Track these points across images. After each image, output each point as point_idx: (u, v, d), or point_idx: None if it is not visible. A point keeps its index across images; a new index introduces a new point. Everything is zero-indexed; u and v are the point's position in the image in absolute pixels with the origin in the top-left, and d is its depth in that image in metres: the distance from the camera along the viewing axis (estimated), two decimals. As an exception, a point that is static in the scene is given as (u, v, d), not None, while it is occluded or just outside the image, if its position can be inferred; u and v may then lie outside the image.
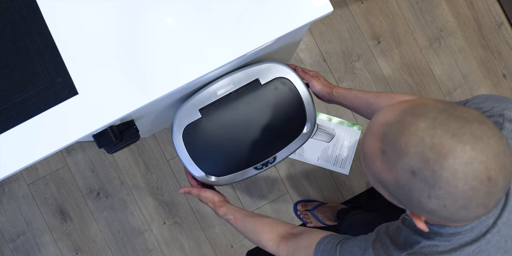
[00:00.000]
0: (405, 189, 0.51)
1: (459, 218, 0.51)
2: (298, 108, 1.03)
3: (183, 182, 1.62)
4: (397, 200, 0.55)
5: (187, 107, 1.00)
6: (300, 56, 1.64)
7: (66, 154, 1.63)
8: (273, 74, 1.01)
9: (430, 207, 0.50)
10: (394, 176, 0.51)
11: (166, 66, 0.80)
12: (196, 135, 1.01)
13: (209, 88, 0.99)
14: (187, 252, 1.61)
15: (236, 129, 1.02)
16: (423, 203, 0.50)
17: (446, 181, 0.48)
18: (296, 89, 1.02)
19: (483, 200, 0.49)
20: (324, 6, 0.80)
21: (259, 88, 1.01)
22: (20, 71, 0.80)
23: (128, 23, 0.80)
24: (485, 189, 0.48)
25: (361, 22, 1.65)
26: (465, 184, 0.47)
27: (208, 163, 1.03)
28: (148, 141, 1.63)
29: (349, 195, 1.61)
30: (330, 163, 1.62)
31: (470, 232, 0.59)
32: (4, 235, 1.62)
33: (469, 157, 0.47)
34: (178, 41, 0.80)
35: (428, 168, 0.48)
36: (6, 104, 0.80)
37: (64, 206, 1.62)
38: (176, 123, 1.01)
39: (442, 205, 0.49)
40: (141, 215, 1.62)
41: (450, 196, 0.48)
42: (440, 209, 0.50)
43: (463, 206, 0.49)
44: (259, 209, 1.61)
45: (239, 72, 1.00)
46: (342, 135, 1.63)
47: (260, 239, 0.87)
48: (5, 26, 0.80)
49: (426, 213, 0.52)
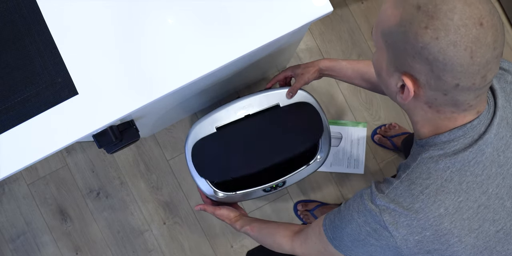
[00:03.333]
0: (406, 24, 0.55)
1: (446, 62, 0.53)
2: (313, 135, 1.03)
3: (183, 182, 1.62)
4: (393, 52, 0.58)
5: (204, 123, 1.00)
6: (300, 56, 1.64)
7: (66, 154, 1.63)
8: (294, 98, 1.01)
9: (424, 39, 0.53)
10: (400, 15, 0.56)
11: (166, 66, 0.80)
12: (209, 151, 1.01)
13: (228, 106, 1.00)
14: (187, 252, 1.61)
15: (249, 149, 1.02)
16: (418, 37, 0.54)
17: (444, 13, 0.52)
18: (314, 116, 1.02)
19: (471, 44, 0.52)
20: (324, 6, 0.80)
21: (278, 112, 1.01)
22: (20, 71, 0.80)
23: (128, 23, 0.80)
24: (475, 32, 0.52)
25: (361, 22, 1.65)
26: (459, 19, 0.52)
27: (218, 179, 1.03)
28: (148, 141, 1.63)
29: (349, 195, 1.61)
30: (344, 166, 1.62)
31: (463, 139, 0.61)
32: (4, 235, 1.62)
33: (470, 1, 0.52)
34: (178, 42, 0.80)
35: (432, 2, 0.53)
36: (6, 104, 0.80)
37: (64, 206, 1.62)
38: (190, 137, 1.01)
39: (435, 37, 0.53)
40: (141, 215, 1.62)
41: (443, 28, 0.52)
42: (432, 42, 0.53)
43: (453, 42, 0.52)
44: (259, 209, 1.61)
45: (261, 94, 1.00)
46: (349, 136, 1.63)
47: (276, 238, 0.89)
48: (5, 26, 0.80)
49: (418, 56, 0.55)
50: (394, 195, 0.64)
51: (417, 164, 0.64)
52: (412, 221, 0.62)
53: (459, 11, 0.52)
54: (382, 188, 0.67)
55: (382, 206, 0.64)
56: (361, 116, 1.63)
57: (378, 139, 1.59)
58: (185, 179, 1.62)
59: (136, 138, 0.89)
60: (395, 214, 0.63)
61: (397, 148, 1.57)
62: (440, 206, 0.61)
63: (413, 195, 0.63)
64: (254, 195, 1.05)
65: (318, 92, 1.63)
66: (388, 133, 1.59)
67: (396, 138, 1.56)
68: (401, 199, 0.64)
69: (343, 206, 0.72)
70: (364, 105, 1.63)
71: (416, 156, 0.66)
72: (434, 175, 0.62)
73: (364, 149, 1.62)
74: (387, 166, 1.61)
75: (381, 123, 1.63)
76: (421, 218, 0.62)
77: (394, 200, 0.64)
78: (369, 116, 1.63)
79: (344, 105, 1.63)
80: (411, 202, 0.63)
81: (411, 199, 0.63)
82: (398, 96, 0.62)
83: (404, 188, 0.64)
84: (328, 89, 1.63)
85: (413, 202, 0.62)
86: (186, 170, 1.62)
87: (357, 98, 1.63)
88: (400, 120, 1.63)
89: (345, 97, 1.63)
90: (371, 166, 1.62)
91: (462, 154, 0.61)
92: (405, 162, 0.69)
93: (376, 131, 1.62)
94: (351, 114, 1.63)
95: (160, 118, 1.28)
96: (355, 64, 0.97)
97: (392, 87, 0.62)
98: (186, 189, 1.62)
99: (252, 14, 0.80)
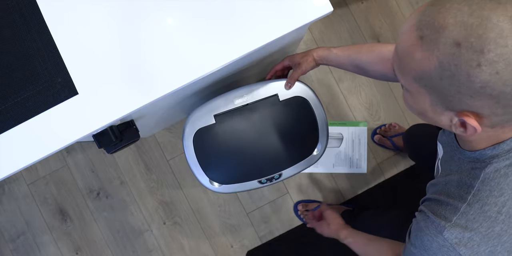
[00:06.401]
0: (451, 68, 0.46)
1: None
2: (311, 129, 1.04)
3: (183, 182, 1.62)
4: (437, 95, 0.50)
5: (202, 110, 1.00)
6: (300, 56, 1.64)
7: (66, 154, 1.63)
8: (292, 91, 1.01)
9: (482, 78, 0.45)
10: (436, 58, 0.47)
11: (167, 66, 0.80)
12: (207, 140, 1.02)
13: (227, 95, 0.99)
14: (187, 252, 1.61)
15: (247, 140, 1.03)
16: (473, 77, 0.46)
17: (494, 41, 0.44)
18: (312, 111, 1.03)
19: None
20: (324, 6, 0.80)
21: (276, 103, 1.01)
22: (20, 71, 0.80)
23: (128, 23, 0.80)
24: None
25: (361, 22, 1.65)
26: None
27: (214, 170, 1.03)
28: (148, 141, 1.63)
29: (349, 195, 1.61)
30: (347, 167, 1.62)
31: None
32: (4, 235, 1.62)
33: None
34: (178, 42, 0.80)
35: (473, 33, 0.45)
36: (6, 104, 0.80)
37: (64, 206, 1.62)
38: (188, 125, 1.01)
39: (494, 72, 0.45)
40: (141, 215, 1.62)
41: (501, 58, 0.44)
42: (493, 79, 0.45)
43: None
44: (259, 209, 1.61)
45: (260, 84, 1.00)
46: (350, 136, 1.62)
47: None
48: (5, 26, 0.80)
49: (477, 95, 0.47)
50: (466, 221, 0.56)
51: (482, 181, 0.56)
52: (495, 247, 0.55)
53: (509, 32, 0.44)
54: (445, 214, 0.58)
55: (454, 239, 0.56)
56: (361, 116, 1.63)
57: (378, 139, 1.59)
58: (185, 179, 1.62)
59: (136, 138, 0.89)
60: (473, 244, 0.55)
61: (397, 148, 1.57)
62: None
63: (490, 218, 0.55)
64: (250, 186, 1.05)
65: (318, 92, 1.63)
66: (388, 133, 1.59)
67: (396, 138, 1.55)
68: (476, 225, 0.55)
69: (411, 246, 0.64)
70: (364, 105, 1.63)
71: (476, 172, 0.58)
72: (507, 190, 0.55)
73: (366, 148, 1.62)
74: (387, 166, 1.61)
75: (381, 123, 1.63)
76: (506, 241, 0.55)
77: (467, 227, 0.56)
78: (369, 116, 1.63)
79: (344, 105, 1.63)
80: (490, 226, 0.55)
81: (488, 222, 0.55)
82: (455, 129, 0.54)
83: (476, 211, 0.56)
84: (328, 89, 1.63)
85: (492, 225, 0.55)
86: (186, 170, 1.62)
87: (357, 98, 1.63)
88: (400, 120, 1.63)
89: (345, 97, 1.63)
90: (371, 166, 1.62)
91: None
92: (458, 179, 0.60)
93: (376, 131, 1.62)
94: (351, 114, 1.63)
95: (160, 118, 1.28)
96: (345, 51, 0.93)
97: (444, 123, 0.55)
98: (186, 189, 1.62)
99: (252, 14, 0.80)
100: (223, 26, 0.80)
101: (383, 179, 1.61)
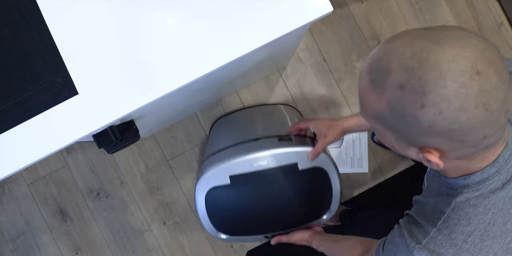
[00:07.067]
0: (399, 109, 0.48)
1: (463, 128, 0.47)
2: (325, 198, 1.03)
3: (183, 182, 1.62)
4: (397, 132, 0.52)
5: (219, 168, 0.98)
6: (300, 56, 1.64)
7: (66, 154, 1.63)
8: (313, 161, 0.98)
9: (427, 119, 0.47)
10: (386, 100, 0.49)
11: (167, 66, 0.80)
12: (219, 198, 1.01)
13: (247, 156, 0.97)
14: (187, 252, 1.61)
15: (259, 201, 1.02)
16: (420, 118, 0.47)
17: (433, 83, 0.45)
18: (330, 183, 1.01)
19: (479, 98, 0.45)
20: (324, 6, 0.80)
21: (295, 172, 0.99)
22: (20, 71, 0.80)
23: (128, 23, 0.80)
24: (477, 85, 0.45)
25: (361, 22, 1.65)
26: (453, 81, 0.45)
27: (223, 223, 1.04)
28: (148, 141, 1.63)
29: (349, 195, 1.61)
30: (348, 167, 1.62)
31: (497, 175, 0.55)
32: (4, 235, 1.62)
33: (451, 54, 0.45)
34: (178, 41, 0.80)
35: (413, 76, 0.46)
36: (6, 104, 0.80)
37: (64, 206, 1.62)
38: (203, 180, 0.99)
39: (438, 112, 0.46)
40: (141, 215, 1.62)
41: (442, 99, 0.45)
42: (438, 118, 0.46)
43: (460, 107, 0.45)
44: (259, 209, 1.61)
45: (282, 149, 0.98)
46: (350, 136, 1.63)
47: None
48: (5, 26, 0.80)
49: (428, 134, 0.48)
50: (434, 246, 0.59)
51: (453, 209, 0.58)
52: None
53: (447, 73, 0.45)
54: (417, 235, 0.61)
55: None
56: (361, 116, 1.63)
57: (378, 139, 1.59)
58: (185, 179, 1.62)
59: (136, 138, 0.89)
60: None
61: None
62: (489, 253, 0.57)
63: (456, 245, 0.57)
64: (255, 239, 1.09)
65: (318, 92, 1.63)
66: None
67: None
68: (442, 250, 0.58)
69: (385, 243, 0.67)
70: (364, 105, 1.63)
71: (448, 199, 0.60)
72: (475, 220, 0.57)
73: (366, 147, 1.62)
74: (387, 165, 1.61)
75: (381, 123, 1.63)
76: None
77: (435, 251, 0.58)
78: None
79: (344, 105, 1.63)
80: (455, 253, 0.57)
81: (454, 249, 0.57)
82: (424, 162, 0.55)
83: (444, 238, 0.58)
84: (328, 89, 1.63)
85: (458, 252, 0.57)
86: (186, 170, 1.62)
87: (357, 98, 1.63)
88: (400, 120, 1.62)
89: (345, 97, 1.63)
90: (371, 166, 1.62)
91: (501, 193, 0.56)
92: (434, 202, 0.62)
93: None
94: (351, 114, 1.63)
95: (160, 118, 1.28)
96: None
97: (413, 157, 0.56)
98: (186, 189, 1.62)
99: (252, 14, 0.80)
100: (223, 25, 0.80)
101: (383, 179, 1.61)
